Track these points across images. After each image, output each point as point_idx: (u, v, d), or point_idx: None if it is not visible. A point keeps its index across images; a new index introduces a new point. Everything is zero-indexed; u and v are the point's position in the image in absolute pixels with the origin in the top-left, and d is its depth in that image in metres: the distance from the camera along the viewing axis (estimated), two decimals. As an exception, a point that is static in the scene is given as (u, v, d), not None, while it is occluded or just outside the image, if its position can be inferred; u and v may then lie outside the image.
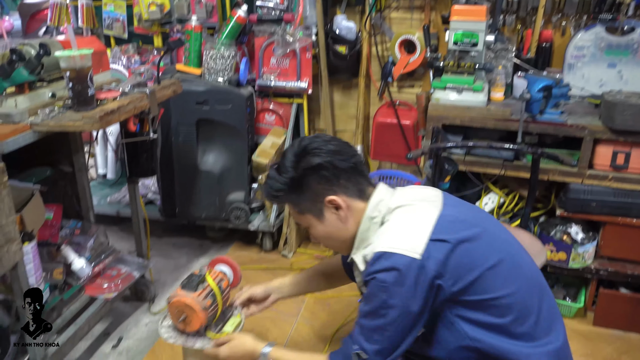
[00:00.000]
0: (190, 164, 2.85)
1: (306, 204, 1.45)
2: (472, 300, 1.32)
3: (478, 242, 1.34)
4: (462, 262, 1.30)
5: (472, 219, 1.41)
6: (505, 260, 1.35)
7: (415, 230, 1.32)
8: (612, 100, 2.15)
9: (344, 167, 1.41)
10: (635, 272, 2.33)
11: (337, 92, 3.17)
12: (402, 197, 1.45)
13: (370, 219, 1.43)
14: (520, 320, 1.33)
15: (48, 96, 1.91)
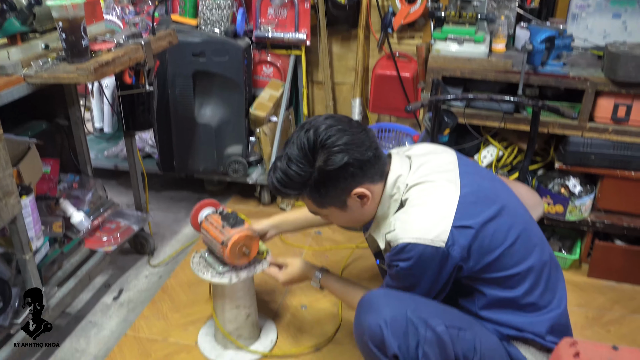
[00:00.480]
0: (188, 117, 2.82)
1: (328, 199, 1.42)
2: (489, 277, 1.36)
3: (498, 220, 1.35)
4: (483, 245, 1.32)
5: (490, 192, 1.42)
6: (521, 236, 1.38)
7: (438, 216, 1.32)
8: (615, 52, 2.12)
9: (368, 157, 1.36)
10: (631, 225, 2.35)
11: (336, 43, 3.12)
12: (419, 171, 1.43)
13: (390, 197, 1.43)
14: (530, 291, 1.38)
15: (41, 48, 1.87)
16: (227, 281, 1.83)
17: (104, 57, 1.82)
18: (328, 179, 1.36)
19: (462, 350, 1.33)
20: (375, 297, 1.39)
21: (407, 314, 1.31)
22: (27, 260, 1.80)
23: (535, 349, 1.42)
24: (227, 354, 1.99)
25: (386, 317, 1.31)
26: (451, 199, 1.34)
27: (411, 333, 1.29)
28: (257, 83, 3.13)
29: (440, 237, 1.29)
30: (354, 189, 1.39)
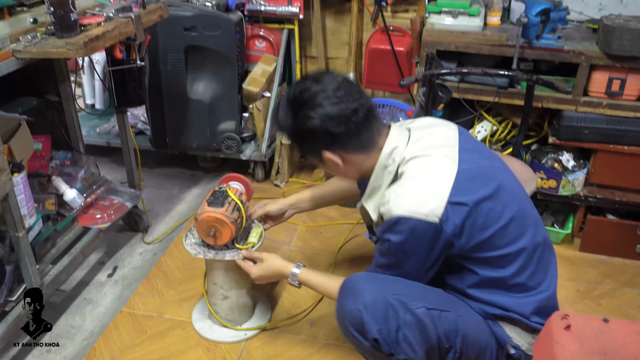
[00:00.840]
0: (180, 93, 2.80)
1: (305, 152, 1.48)
2: (480, 256, 1.35)
3: (494, 200, 1.34)
4: (477, 223, 1.31)
5: (488, 171, 1.40)
6: (515, 217, 1.37)
7: (434, 190, 1.30)
8: (610, 25, 2.10)
9: (339, 131, 1.37)
10: (623, 199, 2.36)
11: (329, 17, 3.08)
12: (417, 145, 1.40)
13: (384, 168, 1.41)
14: (519, 272, 1.37)
15: (29, 22, 1.84)
16: (192, 252, 1.85)
17: (94, 32, 1.79)
18: (299, 136, 1.43)
19: (443, 331, 1.34)
20: (355, 282, 1.40)
21: (387, 297, 1.32)
22: (20, 237, 1.79)
23: (520, 329, 1.42)
24: (221, 331, 2.01)
25: (366, 301, 1.32)
26: (448, 175, 1.32)
27: (391, 317, 1.31)
28: (250, 58, 3.09)
29: (435, 212, 1.27)
30: (323, 152, 1.42)
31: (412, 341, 1.32)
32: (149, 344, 1.99)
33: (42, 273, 1.98)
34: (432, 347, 1.35)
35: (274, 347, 1.96)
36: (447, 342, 1.35)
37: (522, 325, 1.42)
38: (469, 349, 1.38)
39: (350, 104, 1.37)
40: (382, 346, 1.33)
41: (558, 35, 2.29)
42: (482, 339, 1.40)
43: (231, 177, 2.01)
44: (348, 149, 1.40)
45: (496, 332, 1.42)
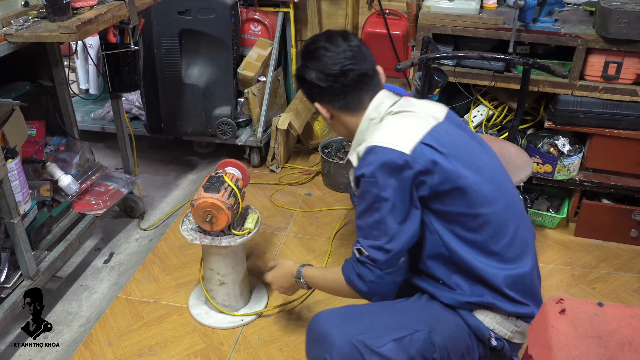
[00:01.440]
0: (174, 78, 2.77)
1: (307, 97, 1.53)
2: (453, 211, 1.34)
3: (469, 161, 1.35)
4: (449, 169, 1.31)
5: (468, 144, 1.40)
6: (491, 182, 1.37)
7: (409, 131, 1.33)
8: (607, 7, 2.09)
9: (324, 85, 1.43)
10: (618, 183, 2.36)
11: (325, 0, 3.05)
12: (405, 103, 1.44)
13: (370, 120, 1.44)
14: (494, 239, 1.35)
15: (20, 5, 1.82)
16: (189, 238, 1.85)
17: (87, 15, 1.77)
18: (299, 82, 1.51)
19: (418, 352, 1.33)
20: (322, 325, 1.37)
21: (353, 341, 1.29)
22: (15, 224, 1.78)
23: (500, 317, 1.38)
24: (217, 316, 2.02)
25: (331, 349, 1.30)
26: (426, 125, 1.36)
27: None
28: (245, 42, 3.07)
29: (406, 146, 1.30)
30: (315, 101, 1.49)
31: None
32: (145, 330, 2.00)
33: (37, 260, 1.98)
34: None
35: (271, 333, 1.97)
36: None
37: (502, 313, 1.38)
38: (450, 357, 1.37)
39: (344, 66, 1.41)
40: None
41: (555, 19, 2.27)
42: (460, 341, 1.38)
43: (227, 163, 2.00)
44: (334, 104, 1.47)
45: (473, 326, 1.39)
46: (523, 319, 1.39)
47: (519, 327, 1.40)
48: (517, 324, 1.39)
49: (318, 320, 1.38)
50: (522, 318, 1.39)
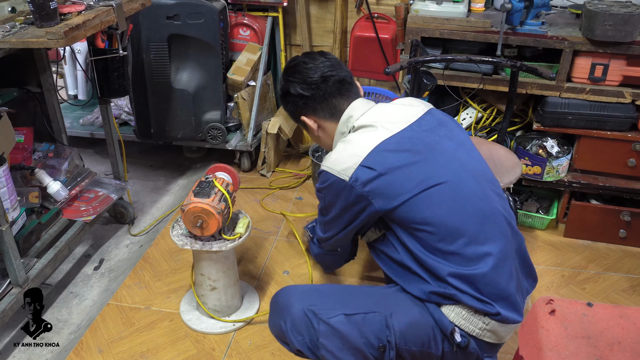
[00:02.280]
0: (164, 83, 2.77)
1: (291, 115, 1.65)
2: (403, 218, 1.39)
3: (409, 169, 1.38)
4: (387, 187, 1.38)
5: (426, 147, 1.42)
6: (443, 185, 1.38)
7: (352, 154, 1.41)
8: (593, 10, 2.11)
9: (309, 94, 1.55)
10: (606, 184, 2.38)
11: (314, 4, 3.06)
12: (371, 117, 1.50)
13: (341, 134, 1.56)
14: (447, 240, 1.37)
15: (7, 11, 1.81)
16: (179, 243, 1.85)
17: (74, 20, 1.76)
18: (283, 99, 1.63)
19: (372, 332, 1.36)
20: (281, 296, 1.52)
21: (304, 310, 1.40)
22: (3, 231, 1.77)
23: (467, 313, 1.37)
24: (209, 322, 2.01)
25: (286, 316, 1.44)
26: (372, 143, 1.42)
27: (309, 327, 1.39)
28: (234, 46, 3.07)
29: (346, 171, 1.40)
30: (301, 115, 1.60)
31: (332, 348, 1.37)
32: (137, 336, 1.99)
33: (26, 267, 1.96)
34: (358, 351, 1.37)
35: (263, 337, 1.97)
36: (379, 342, 1.36)
37: (468, 308, 1.37)
38: (408, 344, 1.37)
39: (324, 73, 1.54)
40: (307, 354, 1.42)
41: (542, 21, 2.29)
42: (421, 331, 1.38)
43: (217, 168, 2.00)
44: (318, 114, 1.58)
45: (437, 319, 1.39)
46: (491, 316, 1.36)
47: (488, 325, 1.36)
48: (485, 322, 1.36)
49: (283, 292, 1.53)
50: (489, 316, 1.36)
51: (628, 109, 2.25)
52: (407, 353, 1.39)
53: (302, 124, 1.64)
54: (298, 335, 1.41)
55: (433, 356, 1.40)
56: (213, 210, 1.76)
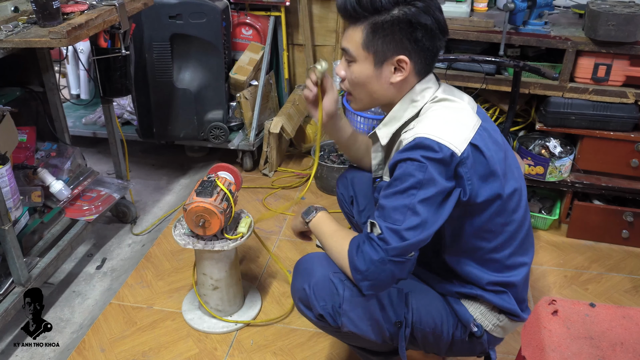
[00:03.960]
0: (166, 82, 2.77)
1: (379, 45, 1.30)
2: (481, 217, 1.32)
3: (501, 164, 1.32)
4: (484, 177, 1.28)
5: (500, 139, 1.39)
6: (517, 191, 1.36)
7: (460, 127, 1.26)
8: (596, 10, 2.11)
9: (437, 46, 1.31)
10: (609, 184, 2.38)
11: (316, 4, 3.06)
12: (447, 90, 1.38)
13: (411, 101, 1.36)
14: (497, 250, 1.37)
15: (10, 10, 1.81)
16: (182, 243, 1.85)
17: (77, 20, 1.76)
18: (398, 24, 1.27)
19: (392, 307, 1.38)
20: (306, 262, 1.44)
21: (329, 275, 1.36)
22: (6, 230, 1.77)
23: (485, 309, 1.42)
24: (211, 321, 2.01)
25: (310, 280, 1.38)
26: (473, 122, 1.30)
27: (333, 293, 1.35)
28: (237, 46, 3.07)
29: (459, 144, 1.23)
30: (403, 54, 1.30)
31: (352, 315, 1.36)
32: (139, 336, 1.99)
33: (29, 266, 1.97)
34: (377, 322, 1.38)
35: (265, 337, 1.97)
36: (396, 317, 1.38)
37: (487, 304, 1.42)
38: (422, 324, 1.40)
39: (447, 26, 1.34)
40: (328, 320, 1.38)
41: (545, 21, 2.29)
42: (436, 313, 1.41)
43: (220, 167, 2.00)
44: (416, 64, 1.32)
45: (458, 310, 1.42)
46: (506, 314, 1.42)
47: (502, 322, 1.42)
48: (500, 319, 1.42)
49: (306, 257, 1.46)
50: (505, 313, 1.42)
51: (631, 109, 2.25)
52: (420, 333, 1.41)
53: (380, 57, 1.31)
54: (321, 301, 1.37)
55: (442, 340, 1.43)
56: (215, 210, 1.76)
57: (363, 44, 1.31)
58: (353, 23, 1.32)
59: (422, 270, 1.48)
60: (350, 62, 1.36)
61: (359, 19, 1.30)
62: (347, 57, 1.36)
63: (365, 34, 1.30)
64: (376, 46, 1.30)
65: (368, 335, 1.39)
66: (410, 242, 1.22)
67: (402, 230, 1.22)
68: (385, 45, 1.30)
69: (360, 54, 1.33)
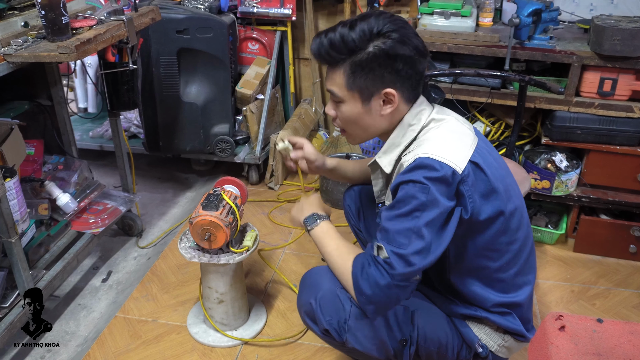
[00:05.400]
0: (173, 96, 2.79)
1: (362, 82, 1.31)
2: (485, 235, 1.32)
3: (503, 181, 1.33)
4: (486, 195, 1.28)
5: (498, 159, 1.39)
6: (518, 209, 1.36)
7: (459, 146, 1.27)
8: (601, 25, 2.11)
9: (419, 70, 1.32)
10: (616, 199, 2.37)
11: (322, 18, 3.08)
12: (441, 111, 1.39)
13: (408, 126, 1.36)
14: (503, 269, 1.37)
15: (20, 25, 1.83)
16: (187, 256, 1.85)
17: (86, 35, 1.78)
18: (376, 60, 1.28)
19: (397, 325, 1.38)
20: (313, 275, 1.45)
21: (336, 290, 1.36)
22: (13, 243, 1.78)
23: (490, 329, 1.42)
24: (216, 335, 2.00)
25: (317, 294, 1.38)
26: (471, 139, 1.31)
27: (339, 309, 1.36)
28: (243, 60, 3.09)
29: (459, 163, 1.23)
30: (389, 87, 1.31)
31: (357, 333, 1.36)
32: (143, 349, 1.98)
33: (35, 279, 1.97)
34: (381, 340, 1.38)
35: (270, 351, 1.96)
36: (401, 335, 1.38)
37: (492, 326, 1.42)
38: (427, 343, 1.40)
39: (426, 49, 1.34)
40: (333, 335, 1.38)
41: (550, 36, 2.29)
42: (441, 333, 1.41)
43: (226, 181, 2.01)
44: (403, 92, 1.33)
45: (463, 332, 1.42)
46: (511, 334, 1.42)
47: (507, 342, 1.43)
48: (505, 339, 1.42)
49: (313, 271, 1.47)
50: (510, 333, 1.42)
51: (637, 123, 2.24)
52: (425, 351, 1.42)
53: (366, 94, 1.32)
54: (327, 315, 1.37)
55: (448, 359, 1.43)
56: (221, 223, 1.76)
57: (347, 85, 1.32)
58: (332, 67, 1.33)
59: (426, 288, 1.48)
60: (338, 102, 1.37)
61: (337, 62, 1.32)
62: (334, 98, 1.37)
63: (347, 75, 1.31)
64: (360, 84, 1.31)
65: (372, 352, 1.39)
66: (417, 267, 1.22)
67: (408, 255, 1.21)
68: (368, 82, 1.30)
69: (345, 94, 1.34)
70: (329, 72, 1.36)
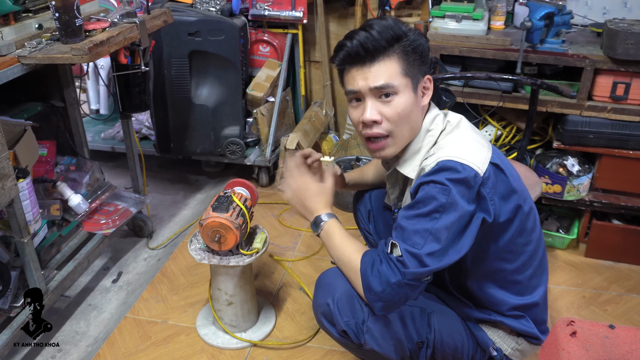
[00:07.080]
0: (184, 98, 2.80)
1: (415, 68, 1.32)
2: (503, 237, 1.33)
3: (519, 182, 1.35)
4: (506, 196, 1.29)
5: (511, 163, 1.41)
6: (533, 209, 1.38)
7: (478, 148, 1.28)
8: (614, 29, 2.10)
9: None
10: (628, 204, 2.35)
11: (333, 21, 3.08)
12: (451, 114, 1.41)
13: (427, 132, 1.36)
14: (519, 271, 1.37)
15: (34, 27, 1.85)
16: (197, 258, 1.86)
17: (99, 37, 1.79)
18: (419, 47, 1.31)
19: (414, 327, 1.38)
20: (329, 277, 1.42)
21: (353, 293, 1.35)
22: (25, 243, 1.79)
23: (503, 333, 1.43)
24: (225, 337, 2.00)
25: (334, 295, 1.36)
26: (487, 141, 1.34)
27: (357, 310, 1.35)
28: (254, 63, 3.10)
29: (480, 165, 1.23)
30: (427, 73, 1.35)
31: (376, 334, 1.35)
32: (153, 350, 1.99)
33: (47, 279, 1.98)
34: (399, 341, 1.37)
35: (279, 354, 1.96)
36: (418, 337, 1.38)
37: (506, 329, 1.43)
38: (444, 346, 1.40)
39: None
40: (351, 337, 1.37)
41: (562, 39, 2.28)
42: (457, 336, 1.42)
43: (236, 183, 2.01)
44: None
45: (478, 335, 1.43)
46: (525, 337, 1.43)
47: (520, 346, 1.43)
48: (519, 342, 1.43)
49: (329, 272, 1.44)
50: (523, 336, 1.43)
51: (650, 128, 2.23)
52: (440, 354, 1.42)
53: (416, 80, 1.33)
54: (345, 316, 1.35)
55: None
56: (231, 225, 1.77)
57: (403, 71, 1.30)
58: (380, 58, 1.30)
59: (440, 291, 1.48)
60: (390, 95, 1.31)
61: (386, 51, 1.29)
62: (388, 91, 1.30)
63: (402, 60, 1.30)
64: (413, 70, 1.31)
65: (389, 354, 1.39)
66: (429, 268, 1.21)
67: (422, 255, 1.20)
68: (416, 67, 1.32)
69: (401, 82, 1.31)
70: (374, 68, 1.30)
